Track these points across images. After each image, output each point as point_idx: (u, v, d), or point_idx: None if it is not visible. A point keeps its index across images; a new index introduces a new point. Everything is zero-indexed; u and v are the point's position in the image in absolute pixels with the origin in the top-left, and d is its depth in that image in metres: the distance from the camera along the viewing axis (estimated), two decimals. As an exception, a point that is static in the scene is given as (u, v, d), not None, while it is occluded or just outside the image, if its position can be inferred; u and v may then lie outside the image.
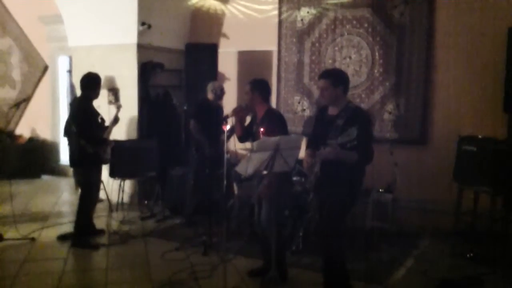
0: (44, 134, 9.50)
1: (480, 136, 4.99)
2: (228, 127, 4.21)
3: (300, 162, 4.39)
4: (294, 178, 5.36)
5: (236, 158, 6.27)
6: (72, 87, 7.57)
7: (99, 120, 5.37)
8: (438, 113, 5.99)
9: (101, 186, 5.89)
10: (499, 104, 5.07)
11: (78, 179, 5.61)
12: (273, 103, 7.18)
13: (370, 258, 4.94)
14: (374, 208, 5.74)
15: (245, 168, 3.63)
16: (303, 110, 6.99)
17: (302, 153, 3.94)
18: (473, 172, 4.93)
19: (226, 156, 4.31)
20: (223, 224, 5.66)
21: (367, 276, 4.46)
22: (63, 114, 9.11)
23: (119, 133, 5.79)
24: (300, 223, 5.18)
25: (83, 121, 5.15)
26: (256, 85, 4.46)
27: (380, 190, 5.77)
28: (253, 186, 5.68)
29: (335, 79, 3.77)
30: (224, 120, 4.27)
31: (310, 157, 3.80)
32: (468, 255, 4.91)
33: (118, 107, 5.69)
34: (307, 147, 3.96)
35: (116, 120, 5.59)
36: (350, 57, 6.60)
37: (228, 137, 6.12)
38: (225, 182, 4.26)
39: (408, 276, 4.56)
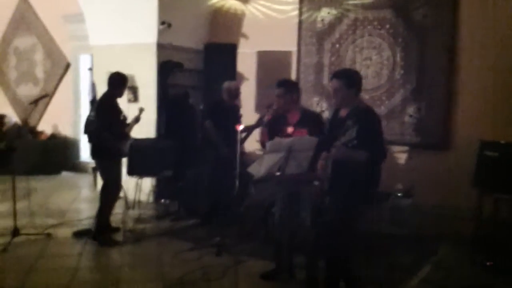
0: (66, 131, 9.63)
1: (502, 142, 4.83)
2: (241, 127, 4.17)
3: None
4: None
5: (252, 159, 6.23)
6: (93, 85, 7.64)
7: (122, 117, 5.48)
8: (460, 117, 5.85)
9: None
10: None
11: (100, 173, 5.68)
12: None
13: (386, 264, 4.84)
14: (392, 212, 5.64)
15: (257, 169, 3.60)
16: (322, 111, 6.89)
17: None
18: (494, 178, 4.81)
19: (239, 156, 4.26)
20: (237, 225, 5.66)
21: (383, 283, 4.37)
22: (84, 111, 9.20)
23: (137, 132, 5.83)
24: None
25: (107, 115, 5.27)
26: (291, 86, 4.25)
27: (399, 194, 5.67)
28: (269, 187, 5.67)
29: (349, 80, 3.68)
30: (238, 120, 4.23)
31: (323, 159, 3.74)
32: (487, 263, 4.77)
33: (141, 110, 5.75)
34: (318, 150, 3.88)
35: (137, 119, 5.67)
36: (370, 59, 6.50)
37: (244, 138, 6.11)
38: (237, 183, 4.19)
39: (425, 284, 4.44)
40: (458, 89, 5.87)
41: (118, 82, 5.43)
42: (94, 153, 5.40)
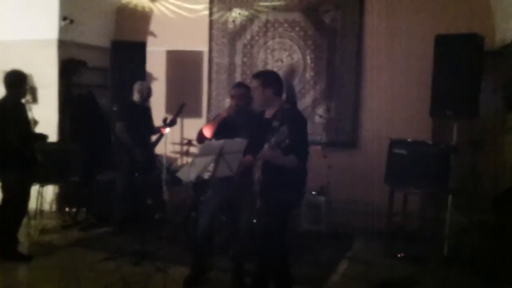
0: None
1: (410, 140, 5.14)
2: (167, 130, 4.00)
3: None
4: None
5: (168, 162, 6.05)
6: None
7: (29, 120, 5.00)
8: (368, 117, 6.16)
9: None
10: (426, 109, 5.26)
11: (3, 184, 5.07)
12: (204, 104, 7.04)
13: (305, 261, 4.93)
14: (307, 210, 5.77)
15: (187, 174, 3.48)
16: (235, 112, 6.88)
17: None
18: (403, 175, 5.08)
19: (163, 160, 4.10)
20: (155, 231, 5.45)
21: (304, 280, 4.42)
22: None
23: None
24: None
25: (12, 120, 4.74)
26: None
27: (313, 192, 5.81)
28: (185, 190, 5.54)
29: (264, 79, 3.70)
30: (164, 123, 4.05)
31: (248, 162, 3.69)
32: (398, 255, 5.06)
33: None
34: (246, 152, 3.83)
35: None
36: (282, 60, 6.61)
37: (158, 141, 5.92)
38: (164, 187, 4.03)
39: (345, 279, 4.59)
40: (365, 90, 6.17)
41: (17, 81, 4.89)
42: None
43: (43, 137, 5.07)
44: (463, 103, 4.87)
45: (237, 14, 6.80)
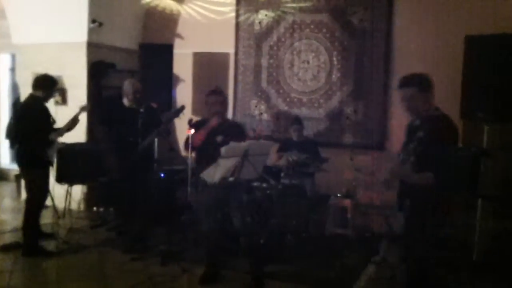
0: (-18, 136, 8.89)
1: (438, 142, 5.01)
2: (192, 131, 4.01)
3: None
4: (255, 184, 5.21)
5: (192, 163, 6.06)
6: (15, 86, 7.11)
7: (51, 121, 5.11)
8: (396, 119, 6.06)
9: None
10: (456, 111, 5.14)
11: (25, 181, 5.21)
12: (230, 106, 7.04)
13: (332, 265, 4.88)
14: (334, 213, 5.71)
15: (212, 175, 3.48)
16: (260, 114, 6.89)
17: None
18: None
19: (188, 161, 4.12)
20: (181, 232, 5.47)
21: (331, 284, 4.40)
22: (4, 114, 8.57)
23: (67, 136, 5.45)
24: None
25: (33, 120, 4.88)
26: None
27: (339, 195, 5.75)
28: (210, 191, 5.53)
29: (421, 83, 3.31)
30: (189, 124, 4.06)
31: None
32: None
33: (82, 109, 5.37)
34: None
35: (75, 121, 5.27)
36: (308, 62, 6.57)
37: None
38: (189, 188, 4.06)
39: (372, 283, 4.52)
40: (394, 91, 6.06)
41: (45, 85, 5.02)
42: (18, 161, 5.01)
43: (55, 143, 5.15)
44: (496, 105, 4.74)
45: (263, 16, 6.80)
